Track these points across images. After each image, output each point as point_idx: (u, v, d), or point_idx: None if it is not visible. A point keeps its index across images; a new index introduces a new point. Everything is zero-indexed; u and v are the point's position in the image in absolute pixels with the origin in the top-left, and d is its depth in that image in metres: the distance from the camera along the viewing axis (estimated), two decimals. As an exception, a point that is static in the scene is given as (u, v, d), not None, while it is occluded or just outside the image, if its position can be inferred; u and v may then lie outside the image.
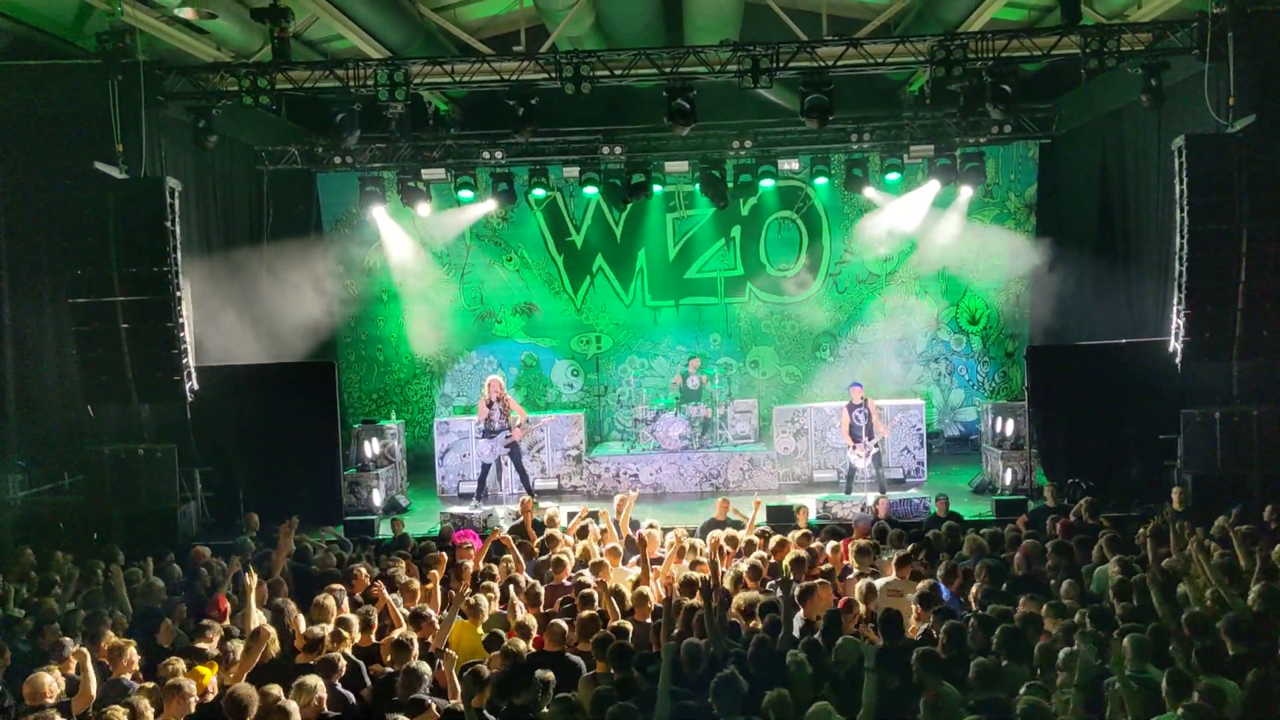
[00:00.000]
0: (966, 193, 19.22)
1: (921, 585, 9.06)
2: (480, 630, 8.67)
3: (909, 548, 10.55)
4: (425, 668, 7.22)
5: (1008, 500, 14.98)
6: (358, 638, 8.27)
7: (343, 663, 7.49)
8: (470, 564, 10.47)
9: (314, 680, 6.89)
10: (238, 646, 7.82)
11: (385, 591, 9.14)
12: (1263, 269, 13.38)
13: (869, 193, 19.47)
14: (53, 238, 14.10)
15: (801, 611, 8.64)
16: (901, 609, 8.37)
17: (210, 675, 7.60)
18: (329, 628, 8.07)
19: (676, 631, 7.96)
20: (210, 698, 7.24)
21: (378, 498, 16.80)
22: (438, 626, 8.35)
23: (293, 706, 6.49)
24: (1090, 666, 6.67)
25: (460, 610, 8.62)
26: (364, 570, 10.55)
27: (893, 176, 18.65)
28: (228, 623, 9.04)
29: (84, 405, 14.22)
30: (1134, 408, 15.02)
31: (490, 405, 16.20)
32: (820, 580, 9.35)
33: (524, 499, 14.23)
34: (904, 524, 12.82)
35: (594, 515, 12.63)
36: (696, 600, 8.66)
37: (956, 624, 7.70)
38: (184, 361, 14.16)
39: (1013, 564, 10.28)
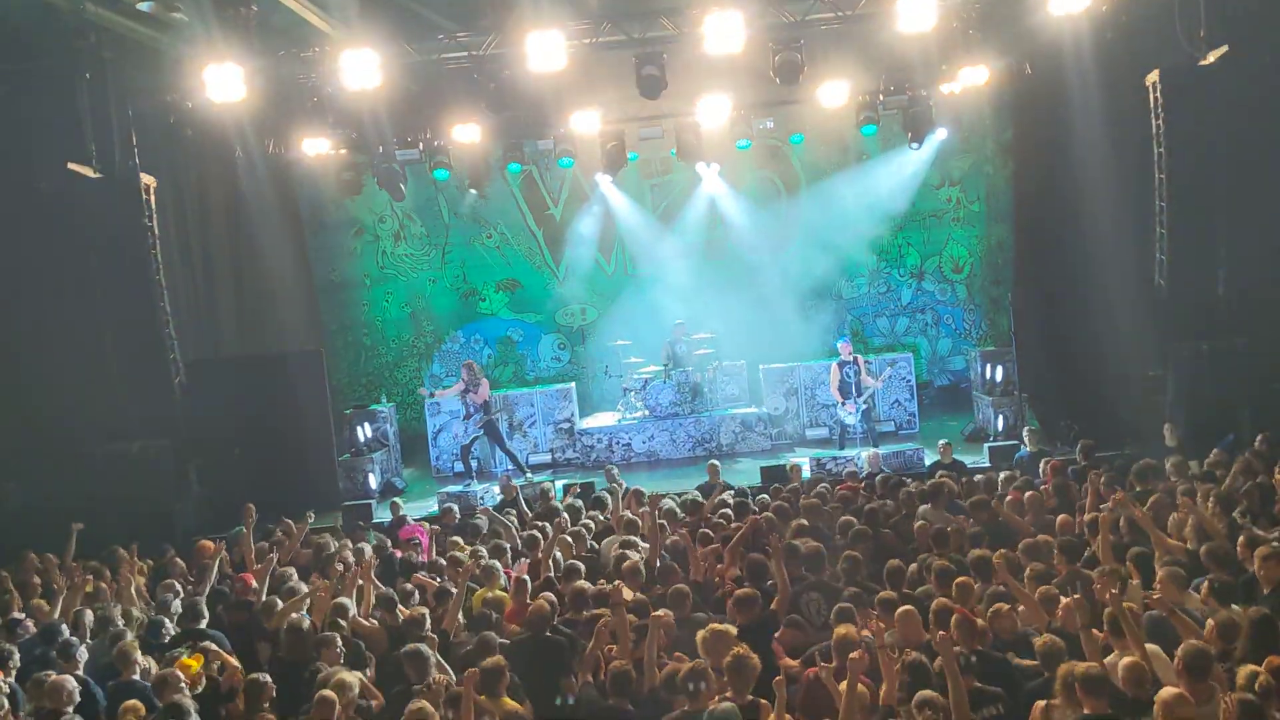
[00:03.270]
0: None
1: None
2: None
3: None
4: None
5: (1001, 446, 15.05)
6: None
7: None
8: (422, 557, 10.59)
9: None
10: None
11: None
12: (1243, 199, 13.41)
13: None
14: (31, 240, 13.98)
15: None
16: None
17: (196, 665, 7.62)
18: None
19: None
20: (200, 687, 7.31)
21: (374, 481, 16.80)
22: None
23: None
24: None
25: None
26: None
27: (868, 127, 18.52)
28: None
29: (73, 407, 14.14)
30: (1122, 346, 15.05)
31: (465, 394, 16.33)
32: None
33: (501, 476, 14.39)
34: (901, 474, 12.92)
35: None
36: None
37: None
38: (171, 356, 14.11)
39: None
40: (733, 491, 12.52)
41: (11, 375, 14.27)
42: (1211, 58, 13.36)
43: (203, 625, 8.56)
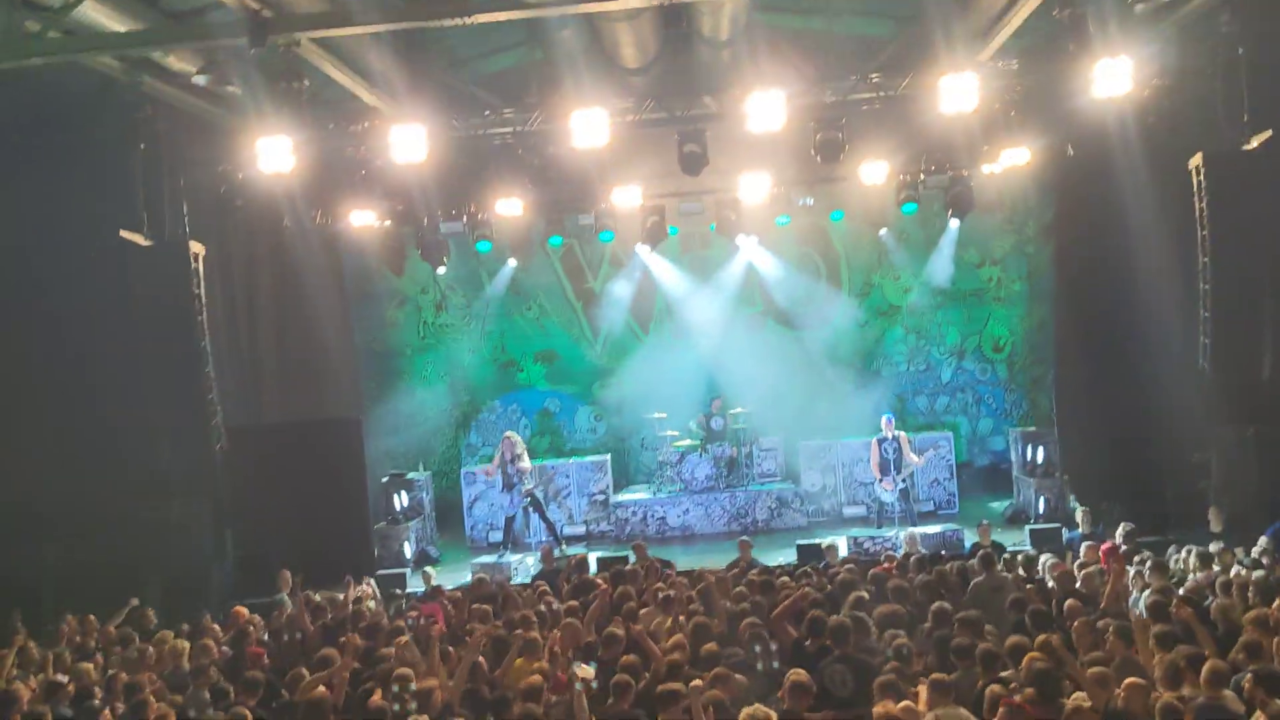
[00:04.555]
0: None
1: None
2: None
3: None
4: None
5: (1042, 529, 14.84)
6: None
7: None
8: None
9: None
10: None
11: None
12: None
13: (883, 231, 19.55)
14: (81, 304, 14.23)
15: None
16: None
17: None
18: None
19: None
20: None
21: (408, 550, 16.80)
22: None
23: None
24: None
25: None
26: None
27: (909, 205, 18.54)
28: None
29: (116, 468, 14.28)
30: (1165, 429, 14.87)
31: (508, 461, 16.30)
32: None
33: (543, 546, 14.34)
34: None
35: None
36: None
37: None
38: (214, 422, 14.25)
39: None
40: (757, 570, 12.35)
41: (56, 436, 14.46)
42: (1255, 142, 13.35)
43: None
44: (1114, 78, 13.60)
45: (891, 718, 6.63)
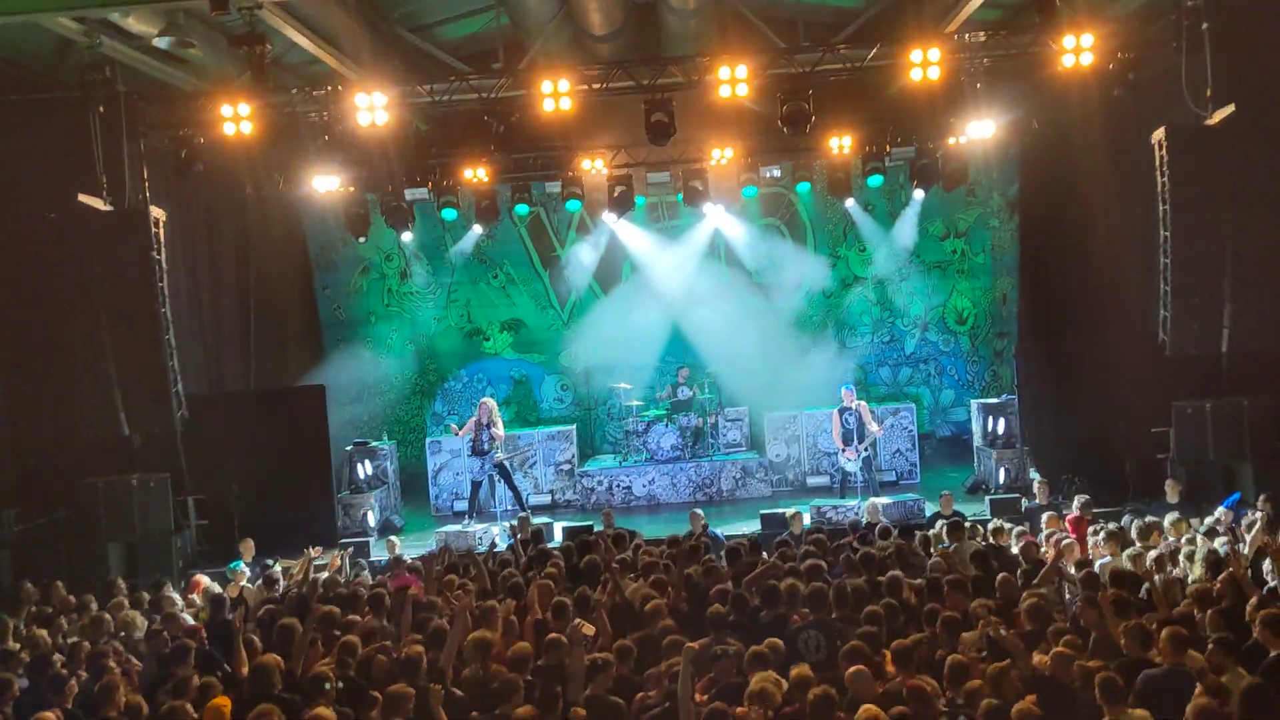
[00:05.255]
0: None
1: None
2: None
3: None
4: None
5: (1002, 499, 15.00)
6: None
7: None
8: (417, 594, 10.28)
9: None
10: None
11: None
12: (1247, 259, 13.45)
13: (849, 201, 19.60)
14: (39, 269, 14.04)
15: None
16: None
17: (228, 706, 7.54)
18: None
19: None
20: None
21: (372, 519, 16.76)
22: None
23: None
24: None
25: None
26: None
27: (874, 177, 18.57)
28: None
29: (76, 436, 14.15)
30: (1124, 402, 15.04)
31: (483, 427, 16.16)
32: None
33: (520, 516, 14.31)
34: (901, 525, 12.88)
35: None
36: None
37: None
38: (174, 390, 14.13)
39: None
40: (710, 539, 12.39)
41: (14, 404, 14.31)
42: (1217, 117, 13.45)
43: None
44: (1080, 51, 13.71)
45: (858, 682, 6.75)
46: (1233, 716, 6.09)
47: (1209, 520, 11.16)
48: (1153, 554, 9.91)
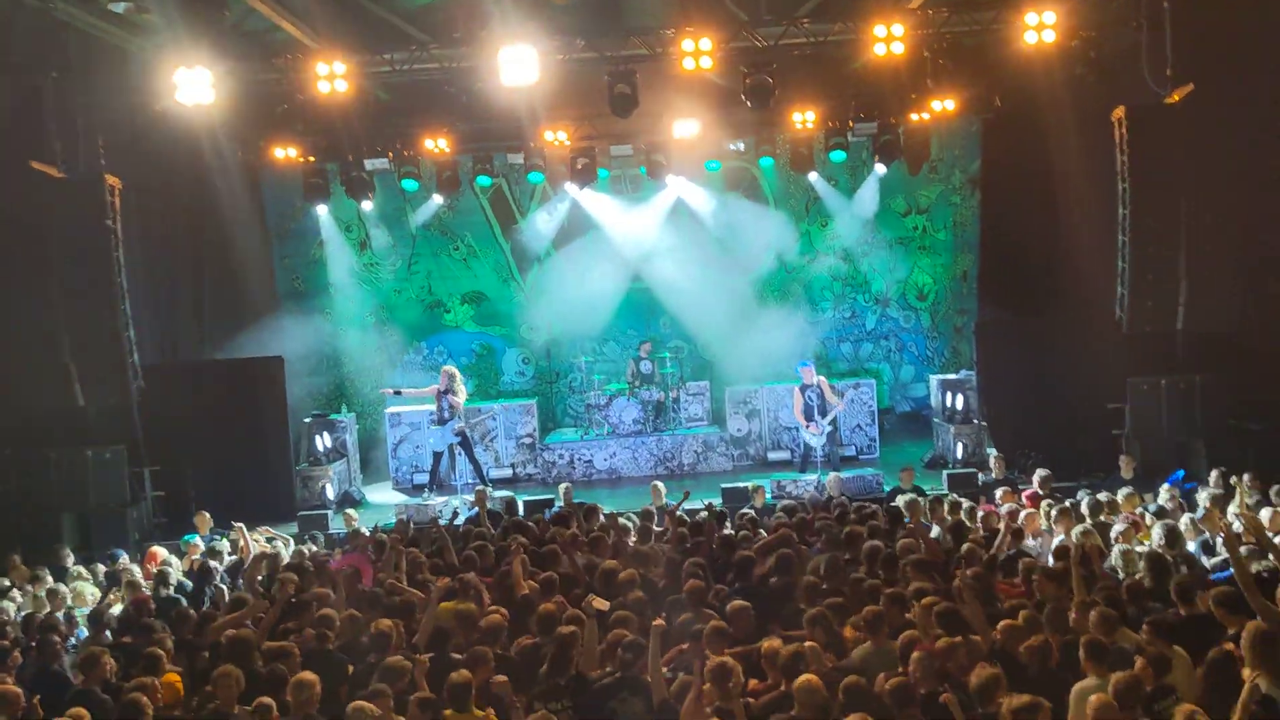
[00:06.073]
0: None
1: None
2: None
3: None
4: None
5: (959, 474, 15.12)
6: None
7: None
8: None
9: None
10: None
11: None
12: (1204, 237, 13.59)
13: (813, 176, 19.61)
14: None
15: None
16: None
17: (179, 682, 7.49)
18: None
19: None
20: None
21: (331, 491, 16.67)
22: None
23: None
24: None
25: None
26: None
27: (837, 153, 18.57)
28: None
29: (31, 407, 13.97)
30: (1082, 378, 15.19)
31: (442, 395, 16.05)
32: None
33: (478, 490, 14.26)
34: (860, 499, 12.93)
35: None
36: None
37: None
38: (130, 360, 13.98)
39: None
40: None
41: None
42: (1177, 96, 13.55)
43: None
44: (1042, 29, 13.75)
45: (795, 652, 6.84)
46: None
47: (1160, 500, 11.24)
48: (1117, 528, 10.00)
